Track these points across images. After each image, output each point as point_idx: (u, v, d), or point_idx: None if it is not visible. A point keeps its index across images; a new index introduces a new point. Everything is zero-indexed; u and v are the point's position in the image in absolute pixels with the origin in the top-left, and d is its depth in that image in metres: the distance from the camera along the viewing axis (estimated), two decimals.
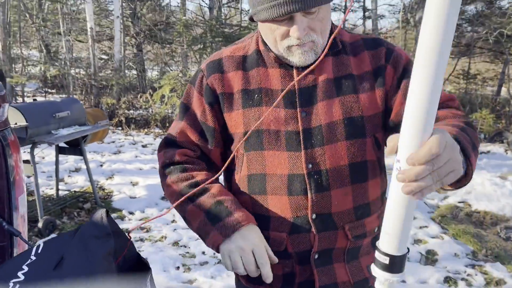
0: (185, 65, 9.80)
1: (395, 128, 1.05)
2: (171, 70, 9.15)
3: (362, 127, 1.07)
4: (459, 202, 4.73)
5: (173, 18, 10.67)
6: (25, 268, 0.88)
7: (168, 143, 1.20)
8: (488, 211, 4.45)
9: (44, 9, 11.50)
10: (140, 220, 4.03)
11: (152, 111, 7.92)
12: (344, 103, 1.07)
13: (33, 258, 0.89)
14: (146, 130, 7.84)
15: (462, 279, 3.16)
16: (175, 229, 3.82)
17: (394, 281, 0.77)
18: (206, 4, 12.08)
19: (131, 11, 10.74)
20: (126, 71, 10.40)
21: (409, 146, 0.66)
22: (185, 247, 3.53)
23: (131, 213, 4.14)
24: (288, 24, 1.00)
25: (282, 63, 1.08)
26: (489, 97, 9.92)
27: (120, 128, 7.88)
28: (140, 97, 7.79)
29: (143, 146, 6.76)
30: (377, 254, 0.77)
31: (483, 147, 7.31)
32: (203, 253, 3.42)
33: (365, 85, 1.08)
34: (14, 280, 0.83)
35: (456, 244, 3.72)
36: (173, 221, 4.01)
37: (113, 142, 6.93)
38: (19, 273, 0.87)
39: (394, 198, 0.72)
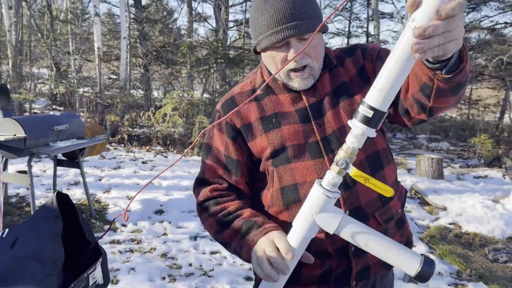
0: (189, 85, 10.03)
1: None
2: (175, 90, 9.37)
3: None
4: (450, 224, 4.76)
5: (179, 40, 10.96)
6: None
7: (199, 183, 1.31)
8: (478, 233, 4.47)
9: (56, 29, 11.90)
10: (132, 232, 4.12)
11: (154, 129, 8.10)
12: (346, 108, 1.20)
13: None
14: (147, 147, 8.00)
15: None
16: (165, 242, 3.90)
17: (367, 134, 0.85)
18: (213, 27, 12.43)
19: (139, 33, 11.08)
20: (133, 91, 10.66)
21: (429, 5, 0.73)
22: (173, 258, 3.61)
23: (124, 225, 4.24)
24: (286, 50, 1.14)
25: (289, 89, 1.23)
26: (490, 123, 9.98)
27: (122, 145, 8.05)
28: (143, 115, 7.98)
29: (143, 163, 6.90)
30: (361, 108, 0.84)
31: (480, 171, 7.33)
32: (190, 265, 3.50)
33: (356, 87, 1.23)
34: None
35: (442, 263, 3.75)
36: (164, 234, 4.10)
37: (114, 158, 7.09)
38: None
39: (396, 57, 0.80)
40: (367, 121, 0.84)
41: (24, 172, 3.91)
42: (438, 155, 7.17)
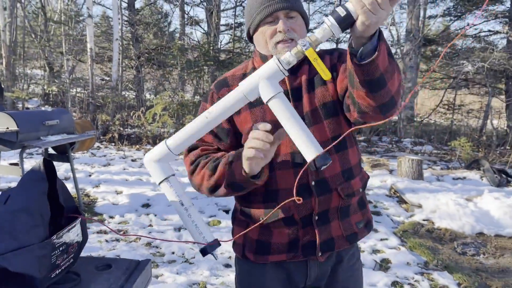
0: (179, 86, 10.23)
1: (342, 100, 1.37)
2: (166, 91, 9.57)
3: (334, 108, 1.39)
4: (424, 220, 5.00)
5: (171, 43, 11.18)
6: None
7: (190, 149, 1.42)
8: (449, 229, 4.71)
9: (50, 30, 12.07)
10: (119, 223, 4.31)
11: (144, 129, 8.28)
12: (319, 94, 1.40)
13: None
14: (137, 146, 8.18)
15: (409, 283, 3.41)
16: (150, 232, 4.10)
17: (333, 30, 1.00)
18: (204, 30, 12.67)
19: (132, 35, 11.28)
20: (125, 92, 10.84)
21: None
22: (157, 247, 3.80)
23: (111, 217, 4.43)
24: (275, 24, 1.34)
25: None
26: (472, 128, 10.29)
27: (113, 143, 8.23)
28: (133, 114, 8.17)
29: (133, 160, 7.09)
30: (338, 9, 1.00)
31: (459, 173, 7.60)
32: (173, 253, 3.69)
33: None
34: None
35: (411, 255, 3.98)
36: (150, 225, 4.30)
37: (105, 156, 7.27)
38: None
39: None
40: (338, 19, 1.00)
41: (16, 164, 4.09)
42: (418, 157, 7.42)
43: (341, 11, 0.99)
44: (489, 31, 12.04)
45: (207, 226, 1.33)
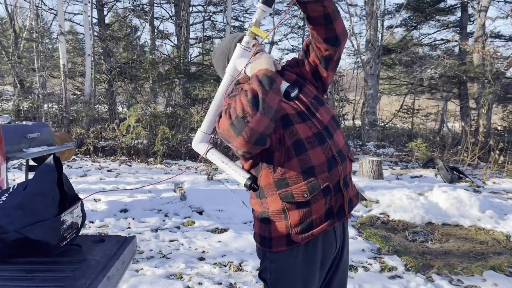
0: (151, 99, 10.56)
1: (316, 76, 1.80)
2: (138, 104, 9.88)
3: (321, 100, 1.78)
4: (380, 214, 5.51)
5: (142, 57, 11.51)
6: (6, 195, 1.58)
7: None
8: (402, 220, 5.23)
9: (20, 47, 12.17)
10: (99, 227, 4.62)
11: (119, 140, 8.56)
12: (307, 90, 1.75)
13: (11, 190, 1.59)
14: (113, 157, 8.45)
15: (362, 266, 3.87)
16: (129, 234, 4.43)
17: (262, 8, 1.47)
18: (174, 44, 13.05)
19: (103, 50, 11.54)
20: (98, 106, 11.07)
21: None
22: (136, 246, 4.13)
23: (91, 222, 4.73)
24: None
25: None
26: (430, 130, 11.03)
27: (88, 155, 8.47)
28: (108, 127, 8.44)
29: (108, 171, 7.37)
30: None
31: (416, 172, 8.23)
32: (151, 250, 4.04)
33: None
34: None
35: (366, 243, 4.46)
36: (128, 227, 4.63)
37: (81, 167, 7.51)
38: (2, 197, 1.56)
39: None
40: (264, 1, 1.47)
41: None
42: (377, 158, 8.00)
43: None
44: (442, 39, 12.92)
45: (244, 170, 1.68)
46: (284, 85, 1.51)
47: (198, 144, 1.76)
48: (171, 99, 10.19)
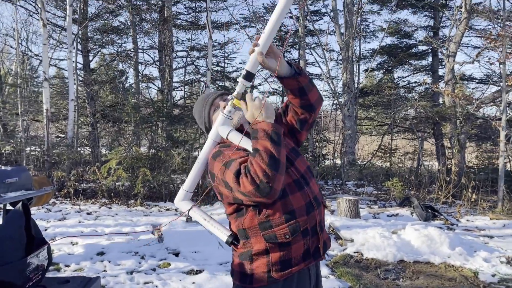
0: (134, 141, 10.73)
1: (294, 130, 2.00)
2: (121, 146, 10.02)
3: (298, 151, 1.98)
4: (354, 252, 5.64)
5: (126, 100, 11.77)
6: None
7: (236, 173, 1.63)
8: (375, 258, 5.37)
9: (4, 92, 12.36)
10: (74, 271, 4.65)
11: (100, 183, 8.63)
12: (288, 141, 1.95)
13: None
14: (93, 200, 8.49)
15: None
16: (104, 276, 4.47)
17: (244, 83, 1.73)
18: (158, 87, 13.39)
19: (87, 94, 11.80)
20: (80, 148, 11.18)
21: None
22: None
23: (67, 265, 4.76)
24: (218, 108, 2.00)
25: None
26: (406, 169, 11.33)
27: (68, 199, 8.49)
28: (89, 169, 8.53)
29: (88, 214, 7.40)
30: (243, 70, 1.74)
31: (393, 210, 8.42)
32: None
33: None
34: None
35: (338, 281, 4.56)
36: (104, 270, 4.66)
37: (60, 211, 7.53)
38: None
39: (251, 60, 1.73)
40: (243, 76, 1.74)
41: None
42: (355, 197, 8.19)
43: (244, 71, 1.75)
44: (416, 82, 13.53)
45: (225, 227, 1.86)
46: None
47: (181, 202, 1.93)
48: (154, 141, 10.37)
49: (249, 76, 1.74)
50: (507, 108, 9.49)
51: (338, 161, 13.09)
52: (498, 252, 5.57)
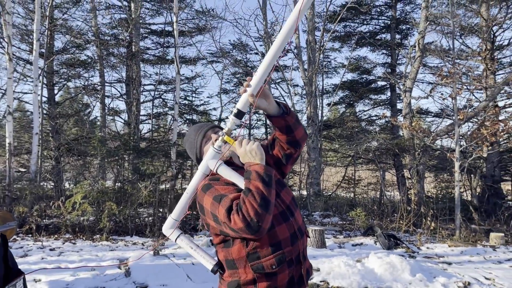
0: (100, 175, 10.60)
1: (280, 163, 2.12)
2: (86, 180, 9.88)
3: (283, 182, 2.09)
4: (320, 281, 5.77)
5: (92, 133, 11.69)
6: None
7: (228, 209, 1.72)
8: (340, 286, 5.52)
9: None
10: None
11: (63, 218, 8.45)
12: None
13: None
14: (56, 235, 8.27)
15: None
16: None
17: (234, 120, 1.84)
18: (125, 120, 13.37)
19: (51, 128, 11.64)
20: (43, 183, 10.91)
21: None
22: None
23: None
24: (209, 140, 2.12)
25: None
26: (369, 198, 11.71)
27: (30, 235, 8.24)
28: (53, 204, 8.35)
29: (51, 250, 7.20)
30: (234, 109, 1.82)
31: (358, 239, 8.65)
32: None
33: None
34: None
35: None
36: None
37: (21, 247, 7.30)
38: None
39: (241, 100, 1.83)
40: (235, 115, 1.86)
41: None
42: (321, 227, 8.38)
43: (235, 110, 1.87)
44: (376, 116, 14.19)
45: (211, 256, 1.97)
46: None
47: (168, 230, 2.04)
48: (120, 174, 10.29)
49: (240, 115, 1.86)
50: (460, 140, 10.11)
51: (305, 192, 13.35)
52: (456, 277, 5.85)
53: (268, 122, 14.92)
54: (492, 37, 12.30)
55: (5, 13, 9.07)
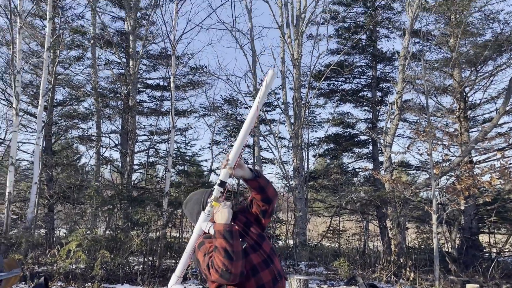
0: (94, 223, 10.95)
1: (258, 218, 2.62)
2: (80, 228, 10.22)
3: (263, 235, 2.55)
4: None
5: (86, 182, 12.12)
6: None
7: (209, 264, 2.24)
8: None
9: None
10: None
11: (57, 266, 8.73)
12: (253, 229, 2.55)
13: None
14: (49, 283, 8.52)
15: None
16: None
17: (218, 189, 2.37)
18: (119, 170, 13.86)
19: (47, 177, 12.07)
20: (36, 231, 11.17)
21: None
22: None
23: None
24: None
25: None
26: (353, 248, 12.14)
27: (23, 282, 8.48)
28: (48, 252, 8.66)
29: None
30: (218, 180, 2.37)
31: None
32: None
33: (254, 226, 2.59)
34: None
35: None
36: None
37: None
38: None
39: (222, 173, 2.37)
40: (218, 184, 2.39)
41: None
42: (305, 277, 8.76)
43: (218, 181, 2.45)
44: (359, 168, 14.90)
45: None
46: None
47: (174, 286, 2.48)
48: (112, 222, 10.66)
49: (222, 184, 2.41)
50: (438, 192, 10.74)
51: (291, 242, 13.73)
52: None
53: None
54: (464, 97, 13.32)
55: (16, 72, 9.79)
